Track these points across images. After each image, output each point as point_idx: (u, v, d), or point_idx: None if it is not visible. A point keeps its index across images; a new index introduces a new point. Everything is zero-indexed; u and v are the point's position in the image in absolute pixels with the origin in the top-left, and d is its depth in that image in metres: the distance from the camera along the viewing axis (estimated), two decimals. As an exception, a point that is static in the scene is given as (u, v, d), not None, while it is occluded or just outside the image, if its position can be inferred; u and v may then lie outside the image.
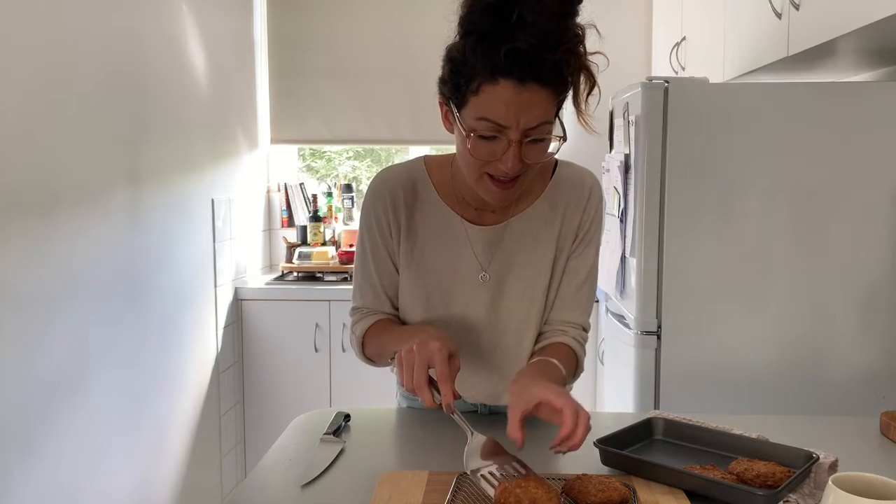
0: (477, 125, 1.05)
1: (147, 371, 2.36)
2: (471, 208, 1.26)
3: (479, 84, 1.02)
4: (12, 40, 1.72)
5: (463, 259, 1.25)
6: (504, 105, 1.01)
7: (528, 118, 1.03)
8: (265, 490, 1.07)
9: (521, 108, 1.02)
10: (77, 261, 1.97)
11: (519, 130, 1.03)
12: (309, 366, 3.11)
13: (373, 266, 1.29)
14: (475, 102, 1.04)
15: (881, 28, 1.62)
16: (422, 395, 1.03)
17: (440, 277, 1.26)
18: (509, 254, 1.26)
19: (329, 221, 3.54)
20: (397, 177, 1.27)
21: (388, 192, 1.26)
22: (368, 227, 1.28)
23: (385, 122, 3.57)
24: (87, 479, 2.03)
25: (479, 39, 1.01)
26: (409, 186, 1.26)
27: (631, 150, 2.09)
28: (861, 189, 1.97)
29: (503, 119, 1.03)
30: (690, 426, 1.20)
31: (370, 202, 1.28)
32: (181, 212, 2.60)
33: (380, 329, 1.28)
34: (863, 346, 2.00)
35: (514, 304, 1.27)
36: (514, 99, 1.01)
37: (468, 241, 1.25)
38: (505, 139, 1.04)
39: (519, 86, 1.00)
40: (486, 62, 1.00)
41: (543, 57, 0.99)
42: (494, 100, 1.02)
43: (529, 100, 1.01)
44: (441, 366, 1.03)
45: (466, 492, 1.00)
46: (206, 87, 2.80)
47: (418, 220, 1.26)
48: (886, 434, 1.27)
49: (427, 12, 3.49)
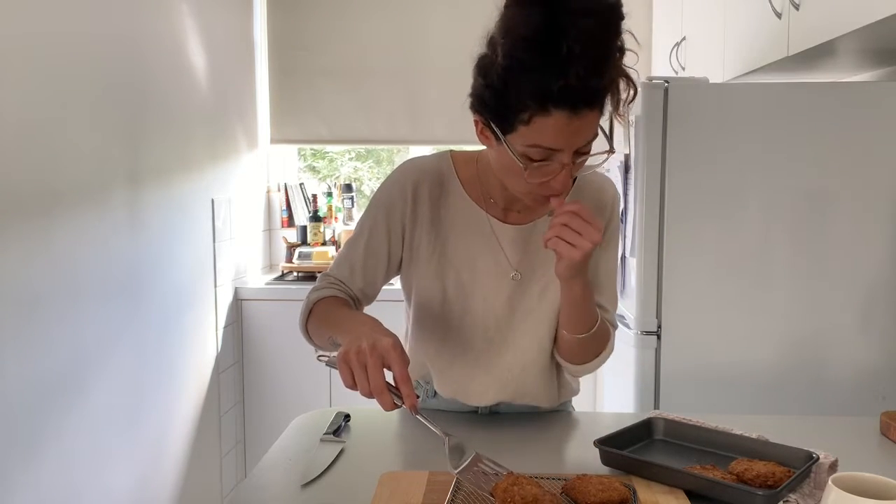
0: (529, 151, 1.05)
1: (147, 371, 2.36)
2: (497, 207, 1.27)
3: (531, 115, 1.01)
4: (12, 40, 1.72)
5: (490, 257, 1.26)
6: (558, 133, 1.02)
7: (581, 140, 1.04)
8: (265, 490, 1.07)
9: (573, 133, 1.03)
10: (77, 261, 1.97)
11: (570, 152, 1.05)
12: (309, 366, 3.11)
13: (363, 246, 1.28)
14: (525, 131, 1.03)
15: (881, 28, 1.62)
16: (381, 400, 0.98)
17: (461, 273, 1.27)
18: (535, 254, 1.27)
19: (329, 221, 3.54)
20: (425, 169, 1.28)
21: (412, 183, 1.26)
22: (378, 208, 1.28)
23: (385, 122, 3.56)
24: (87, 479, 2.03)
25: (527, 73, 0.99)
26: (435, 181, 1.27)
27: (631, 150, 2.09)
28: (861, 189, 1.97)
29: (557, 145, 1.03)
30: (690, 426, 1.20)
31: (390, 186, 1.28)
32: (181, 212, 2.60)
33: (332, 304, 1.24)
34: (863, 346, 2.00)
35: (533, 304, 1.27)
36: (567, 127, 1.01)
37: (496, 238, 1.26)
38: (557, 162, 1.05)
39: (572, 114, 1.00)
40: (535, 95, 0.99)
41: (594, 83, 1.00)
42: (548, 129, 1.02)
43: (581, 125, 1.02)
44: (399, 366, 0.98)
45: (466, 492, 1.00)
46: (205, 87, 2.80)
47: (443, 214, 1.27)
48: (886, 434, 1.27)
49: (427, 12, 3.50)
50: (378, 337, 1.00)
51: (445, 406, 1.37)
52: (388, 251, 1.29)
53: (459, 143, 3.70)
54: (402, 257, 1.31)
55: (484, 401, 1.34)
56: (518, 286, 1.27)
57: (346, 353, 0.99)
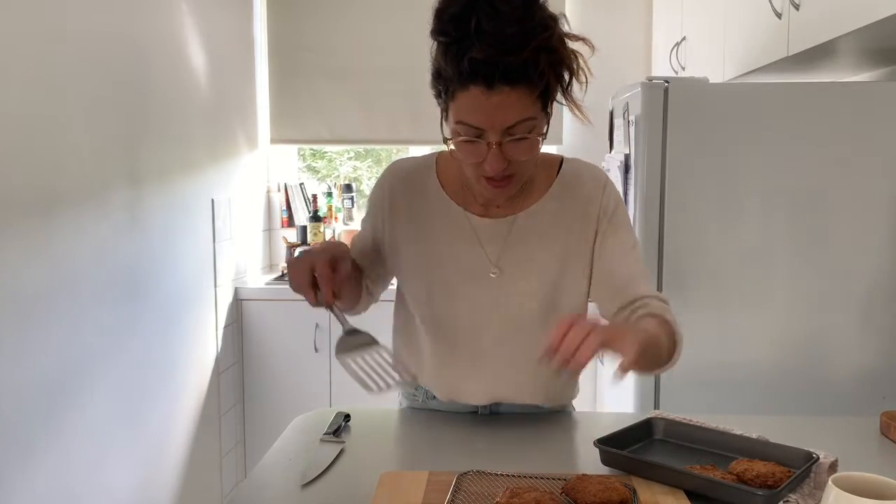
0: (457, 129, 1.08)
1: (147, 371, 2.36)
2: (477, 204, 1.26)
3: (454, 91, 1.05)
4: (12, 40, 1.72)
5: (469, 254, 1.25)
6: (476, 109, 1.04)
7: (503, 119, 1.04)
8: (265, 490, 1.07)
9: (493, 110, 1.03)
10: (77, 261, 1.97)
11: (497, 132, 1.05)
12: (309, 366, 3.11)
13: (359, 247, 1.34)
14: (454, 108, 1.07)
15: (881, 28, 1.62)
16: (305, 294, 1.09)
17: (443, 271, 1.26)
18: (517, 249, 1.25)
19: (329, 221, 3.54)
20: (405, 170, 1.31)
21: (389, 186, 1.30)
22: (369, 201, 1.34)
23: (385, 122, 3.56)
24: (87, 480, 2.03)
25: (447, 48, 1.03)
26: (413, 179, 1.29)
27: (631, 150, 2.09)
28: (861, 189, 1.97)
29: (477, 122, 1.05)
30: (690, 426, 1.20)
31: (374, 189, 1.34)
32: (181, 212, 2.60)
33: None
34: (863, 346, 2.00)
35: (523, 299, 1.25)
36: (485, 103, 1.03)
37: (475, 235, 1.25)
38: (485, 142, 1.07)
39: (488, 90, 1.02)
40: (454, 70, 1.03)
41: (506, 61, 1.00)
42: (468, 105, 1.04)
43: (500, 102, 1.03)
44: (321, 266, 1.07)
45: (466, 491, 1.00)
46: (206, 88, 2.80)
47: (421, 213, 1.28)
48: (886, 434, 1.27)
49: (427, 12, 3.49)
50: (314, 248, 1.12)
51: (446, 407, 1.37)
52: (373, 242, 1.33)
53: (459, 143, 3.70)
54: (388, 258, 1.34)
55: (478, 400, 1.33)
56: (498, 282, 1.25)
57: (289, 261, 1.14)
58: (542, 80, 1.04)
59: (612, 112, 2.35)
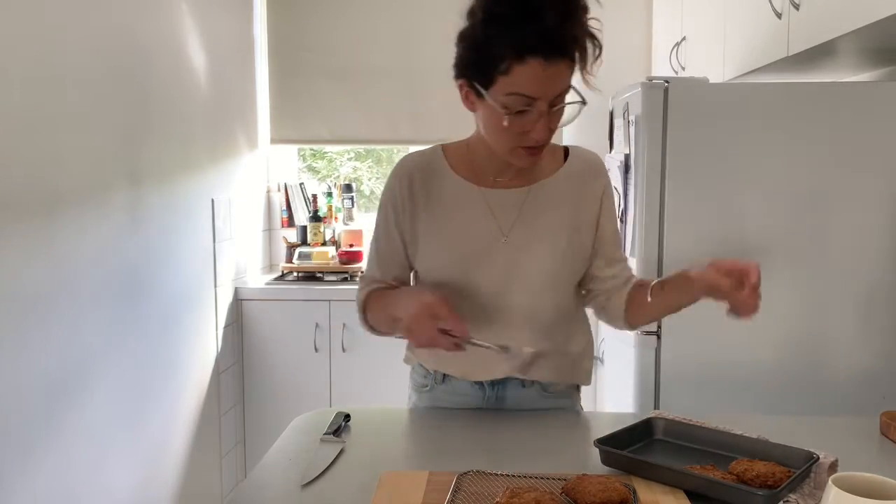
0: (508, 101, 1.14)
1: (147, 371, 2.36)
2: (489, 179, 1.33)
3: (509, 65, 1.12)
4: (13, 40, 1.72)
5: (483, 226, 1.32)
6: (534, 81, 1.12)
7: (555, 89, 1.14)
8: (265, 490, 1.07)
9: (548, 81, 1.13)
10: (77, 261, 1.97)
11: (546, 101, 1.14)
12: (309, 366, 3.11)
13: (383, 241, 1.38)
14: (505, 81, 1.13)
15: (881, 28, 1.62)
16: (440, 343, 1.15)
17: (458, 243, 1.32)
18: (530, 218, 1.32)
19: (329, 221, 3.54)
20: (416, 161, 1.37)
21: (406, 175, 1.35)
22: (384, 205, 1.37)
23: (385, 122, 3.57)
24: (87, 480, 2.03)
25: (504, 24, 1.11)
26: (425, 167, 1.35)
27: (631, 150, 2.09)
28: (861, 189, 1.97)
29: (532, 92, 1.13)
30: (690, 426, 1.20)
31: (389, 182, 1.37)
32: (181, 212, 2.60)
33: (378, 296, 1.37)
34: (863, 346, 2.00)
35: (535, 265, 1.32)
36: (542, 74, 1.11)
37: (487, 206, 1.32)
38: (535, 111, 1.15)
39: (545, 62, 1.11)
40: (512, 44, 1.10)
41: (565, 33, 1.10)
42: (525, 77, 1.12)
43: (555, 73, 1.12)
44: (443, 307, 1.15)
45: (466, 491, 1.00)
46: (206, 87, 2.80)
47: (436, 194, 1.34)
48: (886, 434, 1.27)
49: (427, 12, 3.50)
50: (422, 296, 1.18)
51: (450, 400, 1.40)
52: (402, 242, 1.37)
53: (459, 143, 3.70)
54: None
55: (494, 373, 1.35)
56: (511, 250, 1.31)
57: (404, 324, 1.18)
58: (583, 52, 1.14)
59: (612, 112, 2.35)
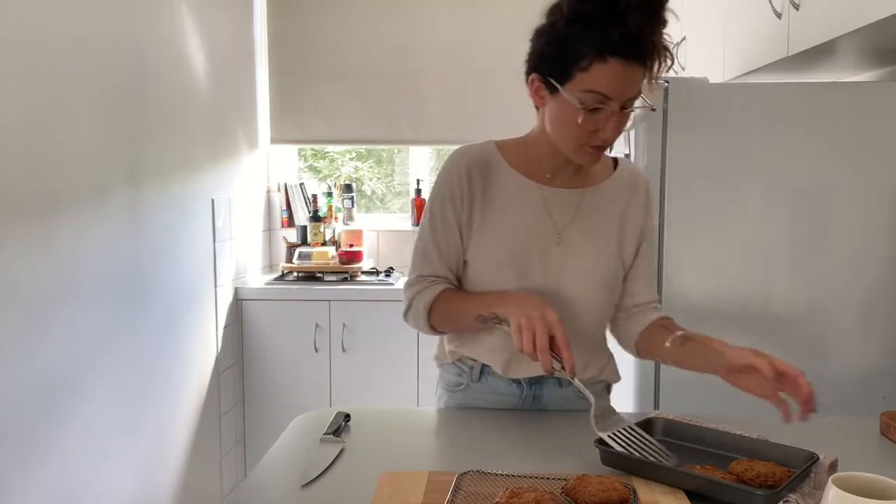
0: (584, 97, 1.17)
1: (147, 371, 2.36)
2: (545, 178, 1.35)
3: (590, 62, 1.15)
4: (12, 40, 1.72)
5: (538, 223, 1.33)
6: (612, 80, 1.15)
7: (629, 92, 1.18)
8: (265, 490, 1.07)
9: (624, 82, 1.16)
10: (77, 261, 1.97)
11: (619, 102, 1.17)
12: (309, 366, 3.11)
13: (440, 233, 1.36)
14: (583, 77, 1.16)
15: (881, 28, 1.62)
16: (543, 358, 1.13)
17: (514, 238, 1.33)
18: (584, 220, 1.35)
19: (329, 221, 3.54)
20: (471, 152, 1.37)
21: (465, 165, 1.35)
22: (441, 196, 1.36)
23: (385, 122, 3.57)
24: (87, 480, 2.03)
25: (590, 23, 1.14)
26: (482, 159, 1.36)
27: (631, 150, 2.09)
28: (861, 189, 1.97)
29: (609, 91, 1.16)
30: (690, 426, 1.20)
31: (445, 173, 1.36)
32: (181, 212, 2.60)
33: (450, 297, 1.35)
34: (863, 346, 2.00)
35: (586, 266, 1.34)
36: (621, 74, 1.15)
37: (544, 204, 1.34)
38: (608, 110, 1.18)
39: (625, 63, 1.14)
40: (596, 43, 1.13)
41: (647, 38, 1.14)
42: (603, 76, 1.15)
43: (631, 76, 1.16)
44: (561, 332, 1.15)
45: (466, 491, 1.00)
46: (206, 87, 2.80)
47: (492, 188, 1.34)
48: (886, 434, 1.27)
49: (427, 13, 3.50)
50: (546, 309, 1.17)
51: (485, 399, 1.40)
52: (459, 232, 1.36)
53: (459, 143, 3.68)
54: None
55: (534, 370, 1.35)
56: (564, 250, 1.33)
57: (519, 319, 1.16)
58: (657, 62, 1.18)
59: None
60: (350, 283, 3.21)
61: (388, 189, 4.03)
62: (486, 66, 3.48)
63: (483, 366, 1.40)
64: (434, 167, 3.92)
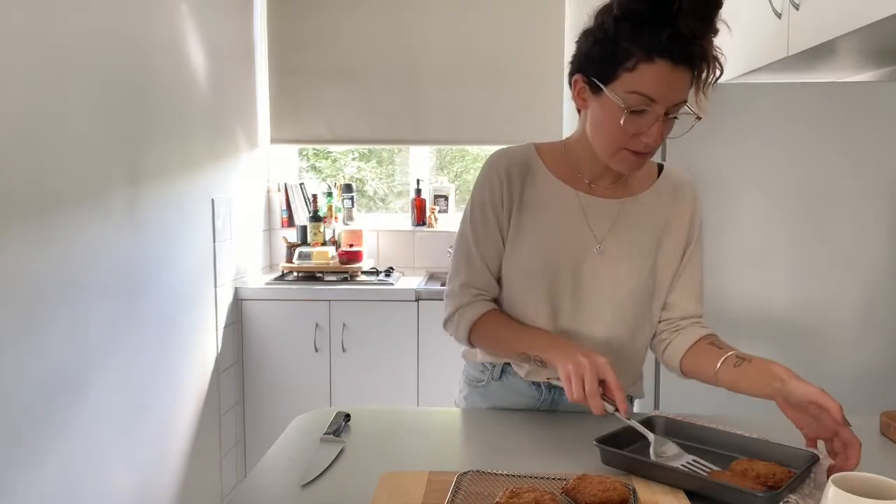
0: (628, 98, 1.14)
1: (147, 371, 2.36)
2: (584, 184, 1.32)
3: (636, 62, 1.12)
4: (12, 40, 1.72)
5: (576, 230, 1.31)
6: (658, 82, 1.12)
7: (675, 95, 1.14)
8: (265, 490, 1.07)
9: (671, 85, 1.13)
10: (77, 261, 1.97)
11: (664, 106, 1.14)
12: (309, 366, 3.11)
13: (483, 238, 1.34)
14: (629, 78, 1.13)
15: (881, 28, 1.62)
16: (594, 403, 1.10)
17: (552, 245, 1.30)
18: (623, 229, 1.31)
19: (329, 221, 3.54)
20: (513, 155, 1.34)
21: (505, 167, 1.32)
22: (481, 200, 1.33)
23: (385, 122, 3.57)
24: (87, 479, 2.03)
25: (639, 23, 1.11)
26: (522, 162, 1.33)
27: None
28: (861, 189, 1.97)
29: (654, 94, 1.13)
30: (690, 426, 1.20)
31: (486, 176, 1.34)
32: (181, 212, 2.60)
33: (495, 320, 1.33)
34: (863, 346, 2.00)
35: (624, 278, 1.31)
36: (667, 76, 1.12)
37: (583, 212, 1.31)
38: (652, 113, 1.15)
39: (673, 66, 1.11)
40: (644, 43, 1.11)
41: (697, 42, 1.11)
42: (650, 77, 1.12)
43: (679, 79, 1.13)
44: (612, 375, 1.11)
45: (466, 492, 1.00)
46: (206, 87, 2.80)
47: (531, 193, 1.32)
48: (886, 434, 1.27)
49: (427, 12, 3.50)
50: (593, 355, 1.13)
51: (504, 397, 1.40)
52: (501, 237, 1.34)
53: (459, 144, 3.70)
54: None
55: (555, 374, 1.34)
56: (602, 259, 1.30)
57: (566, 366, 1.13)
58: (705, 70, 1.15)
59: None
60: (350, 283, 3.21)
61: (389, 189, 4.03)
62: (486, 66, 3.48)
63: (504, 364, 1.40)
64: (434, 167, 3.92)
